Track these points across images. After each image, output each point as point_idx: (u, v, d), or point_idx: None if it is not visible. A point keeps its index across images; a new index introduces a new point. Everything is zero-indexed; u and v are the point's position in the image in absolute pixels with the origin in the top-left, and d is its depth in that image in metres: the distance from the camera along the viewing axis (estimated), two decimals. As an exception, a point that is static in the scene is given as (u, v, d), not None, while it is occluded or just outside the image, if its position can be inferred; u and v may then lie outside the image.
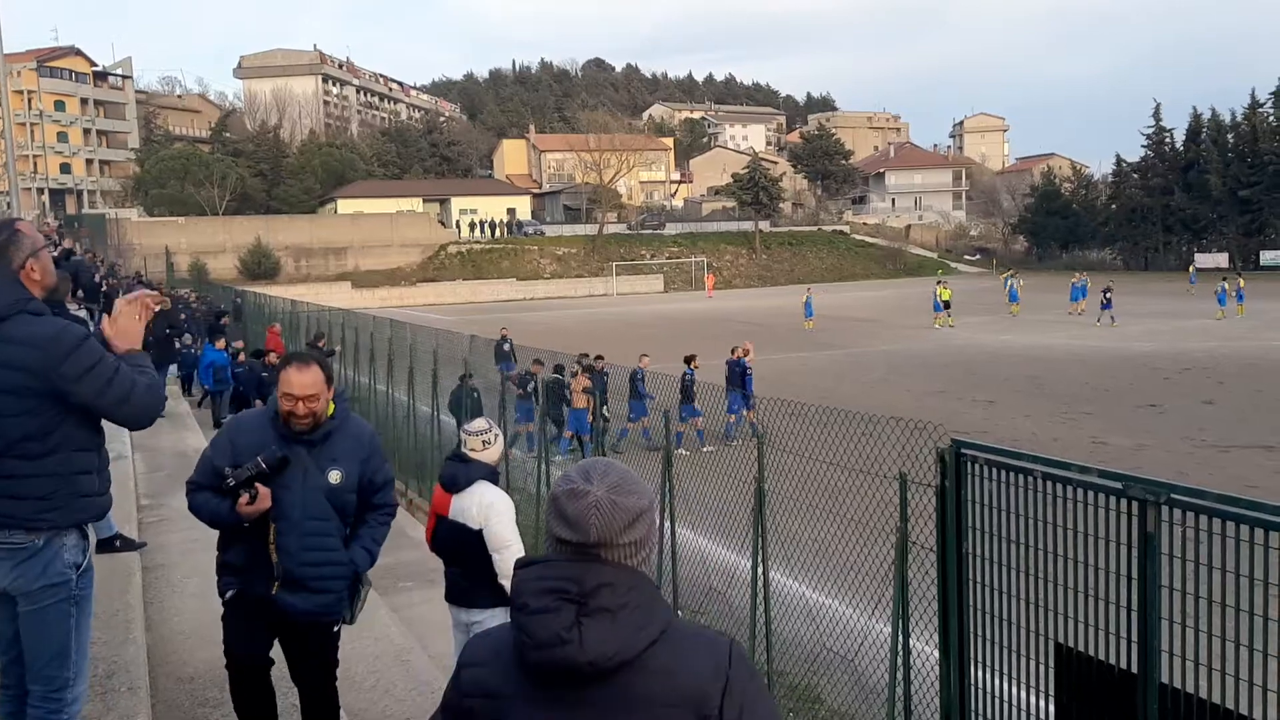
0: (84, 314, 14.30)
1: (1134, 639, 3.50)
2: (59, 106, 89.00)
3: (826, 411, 5.70)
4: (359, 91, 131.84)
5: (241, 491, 3.87)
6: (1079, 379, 24.21)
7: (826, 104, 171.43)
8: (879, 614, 5.46)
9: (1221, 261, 66.80)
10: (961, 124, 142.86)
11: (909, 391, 22.52)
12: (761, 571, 6.49)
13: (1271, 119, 69.87)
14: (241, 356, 17.97)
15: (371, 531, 4.23)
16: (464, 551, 5.09)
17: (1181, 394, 21.60)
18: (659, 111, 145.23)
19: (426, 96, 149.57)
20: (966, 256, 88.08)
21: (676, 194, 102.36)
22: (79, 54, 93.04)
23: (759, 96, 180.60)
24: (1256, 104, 70.56)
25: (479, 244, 74.43)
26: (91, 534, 3.61)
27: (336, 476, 4.02)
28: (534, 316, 48.88)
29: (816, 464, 5.80)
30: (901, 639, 4.92)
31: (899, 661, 4.93)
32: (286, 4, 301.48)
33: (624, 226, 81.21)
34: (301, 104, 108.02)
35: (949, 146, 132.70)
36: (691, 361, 16.45)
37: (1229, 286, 39.33)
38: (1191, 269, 59.39)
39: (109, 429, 3.60)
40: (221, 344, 18.36)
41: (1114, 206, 79.59)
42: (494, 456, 5.29)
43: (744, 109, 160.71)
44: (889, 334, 37.05)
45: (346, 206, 77.31)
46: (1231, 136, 71.94)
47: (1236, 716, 3.15)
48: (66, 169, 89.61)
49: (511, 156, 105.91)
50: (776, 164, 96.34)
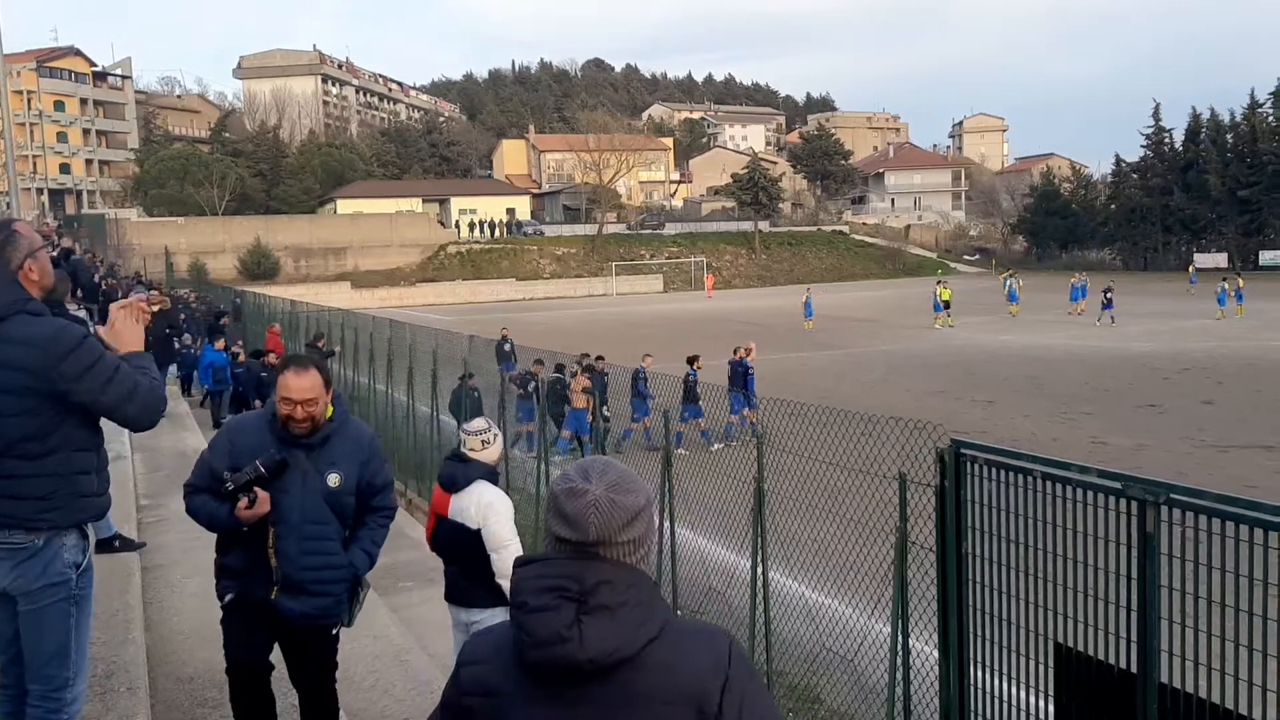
0: (83, 314, 14.30)
1: (1133, 639, 3.50)
2: (58, 107, 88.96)
3: (826, 411, 5.70)
4: (358, 92, 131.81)
5: (240, 496, 3.84)
6: (1078, 379, 24.22)
7: (826, 104, 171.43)
8: (878, 614, 5.46)
9: (1221, 261, 66.82)
10: (961, 124, 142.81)
11: (908, 391, 22.53)
12: (761, 571, 6.49)
13: (1271, 119, 69.90)
14: (241, 356, 17.97)
15: (371, 534, 4.21)
16: (463, 551, 5.09)
17: (1181, 394, 21.61)
18: (658, 112, 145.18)
19: (426, 96, 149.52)
20: (966, 256, 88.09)
21: (676, 194, 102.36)
22: (78, 54, 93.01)
23: (758, 97, 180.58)
24: (1256, 104, 70.58)
25: (478, 244, 74.43)
26: (91, 534, 3.61)
27: (335, 480, 4.00)
28: (533, 316, 48.87)
29: (816, 464, 5.80)
30: (901, 639, 4.92)
31: (898, 661, 4.93)
32: (286, 4, 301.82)
33: (623, 227, 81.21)
34: (301, 104, 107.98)
35: (948, 147, 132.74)
36: (694, 362, 16.45)
37: (1229, 287, 39.37)
38: (1191, 269, 59.37)
39: (108, 430, 3.60)
40: (221, 344, 18.36)
41: (1113, 207, 79.63)
42: (493, 456, 5.29)
43: (743, 109, 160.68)
44: (888, 334, 37.06)
45: (346, 207, 77.29)
46: (1231, 137, 71.99)
47: (1236, 716, 3.15)
48: (66, 169, 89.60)
49: (511, 156, 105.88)
50: (776, 164, 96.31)
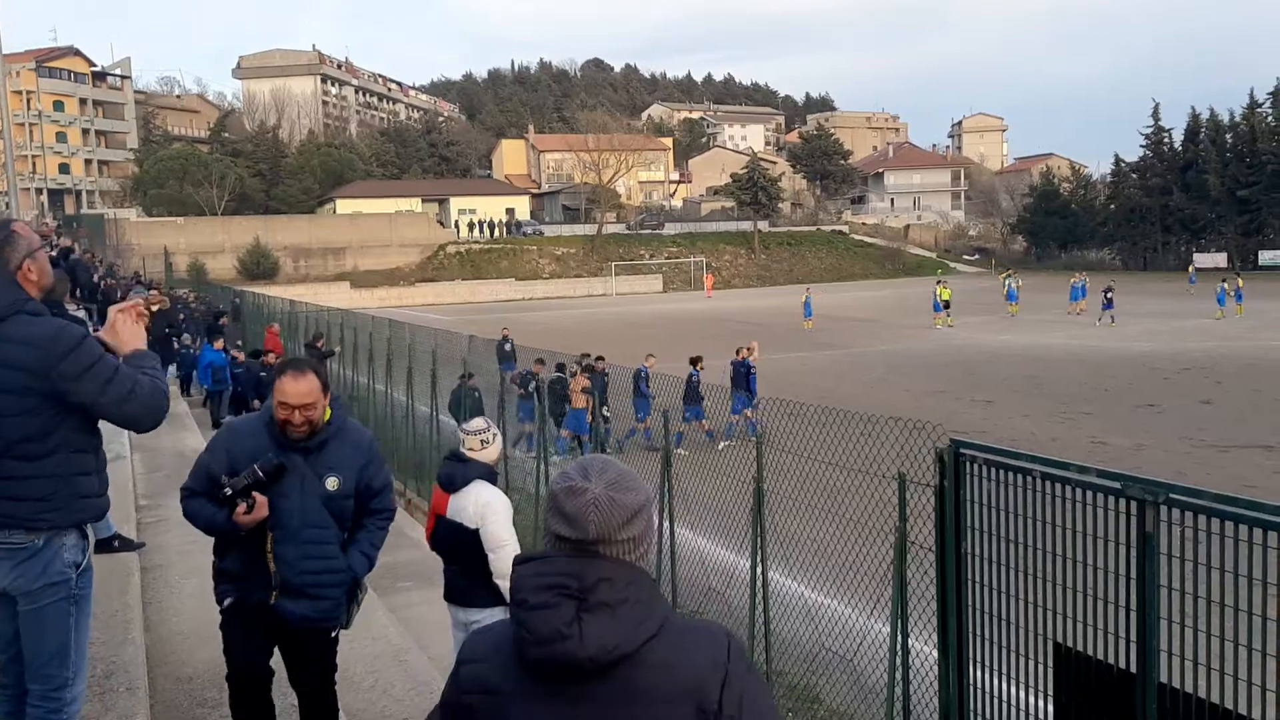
0: (82, 314, 14.30)
1: (1133, 639, 3.50)
2: (58, 107, 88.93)
3: (826, 411, 5.71)
4: (358, 92, 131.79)
5: (238, 501, 3.81)
6: (1078, 379, 24.22)
7: (825, 104, 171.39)
8: (878, 614, 5.46)
9: (1220, 261, 66.86)
10: (960, 124, 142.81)
11: (908, 391, 22.53)
12: (760, 571, 6.49)
13: (1270, 119, 69.94)
14: (241, 356, 17.95)
15: (370, 536, 4.19)
16: (461, 551, 5.10)
17: (1180, 394, 21.62)
18: (658, 111, 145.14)
19: (425, 96, 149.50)
20: (965, 256, 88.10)
21: (675, 194, 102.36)
22: (78, 54, 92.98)
23: (758, 96, 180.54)
24: (1255, 104, 70.63)
25: (478, 244, 74.42)
26: (91, 534, 3.61)
27: (334, 483, 3.97)
28: (533, 316, 48.86)
29: (816, 464, 5.80)
30: (900, 639, 4.92)
31: (898, 661, 4.93)
32: (286, 4, 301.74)
33: (623, 226, 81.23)
34: (300, 104, 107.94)
35: (948, 146, 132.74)
36: (698, 363, 16.44)
37: (1228, 286, 39.41)
38: (1191, 269, 59.38)
39: (107, 430, 3.60)
40: (220, 344, 18.34)
41: (1113, 206, 79.66)
42: (492, 456, 5.29)
43: (743, 109, 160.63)
44: (888, 334, 37.06)
45: (345, 206, 77.27)
46: (1230, 136, 72.04)
47: (1235, 716, 3.15)
48: (65, 169, 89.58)
49: (510, 156, 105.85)
50: (775, 164, 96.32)
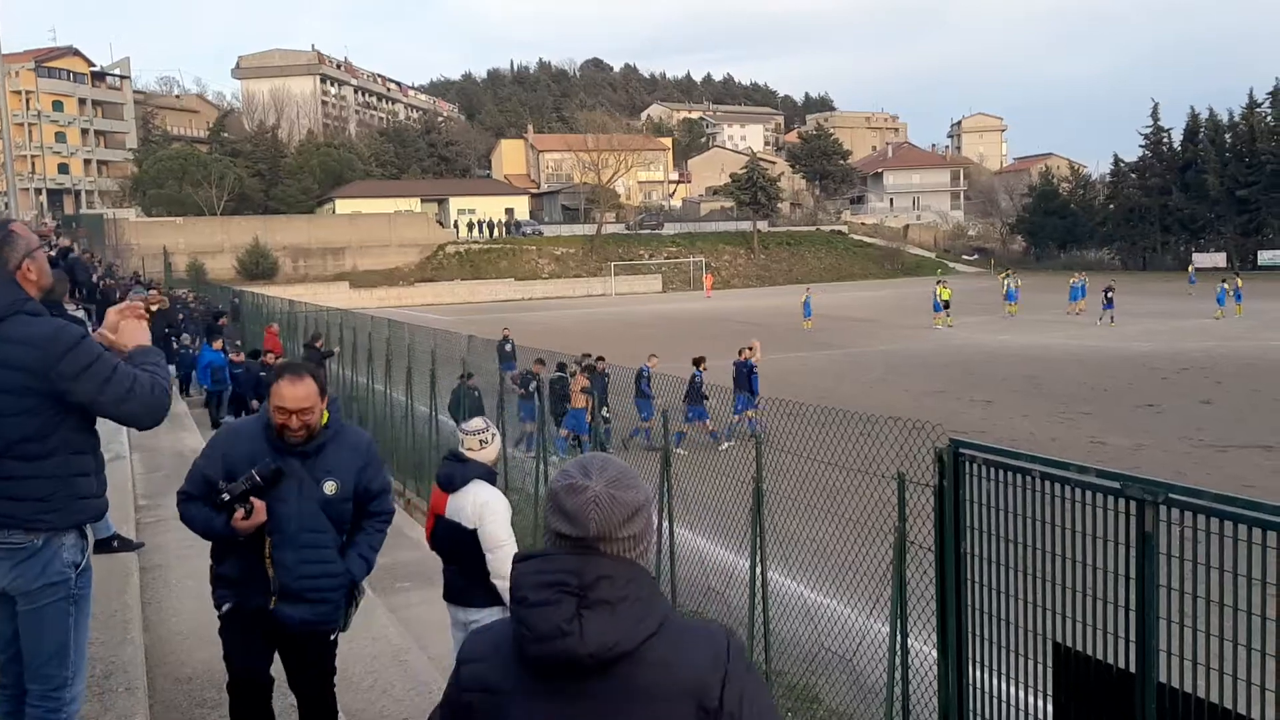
0: (81, 314, 14.30)
1: (1132, 638, 3.50)
2: (57, 107, 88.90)
3: (825, 411, 5.71)
4: (357, 91, 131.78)
5: (236, 506, 3.78)
6: (1077, 379, 24.23)
7: (824, 104, 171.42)
8: (877, 614, 5.46)
9: (1219, 261, 66.88)
10: (959, 124, 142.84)
11: (907, 391, 22.53)
12: (760, 571, 6.49)
13: (1269, 119, 69.93)
14: (241, 356, 17.93)
15: (368, 539, 4.17)
16: (460, 550, 5.09)
17: (1179, 394, 21.63)
18: (657, 111, 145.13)
19: (424, 96, 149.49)
20: (965, 256, 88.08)
21: (675, 194, 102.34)
22: (77, 54, 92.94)
23: (757, 96, 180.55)
24: (1254, 104, 70.64)
25: (477, 244, 74.40)
26: (90, 534, 3.61)
27: (332, 487, 3.94)
28: (532, 316, 48.85)
29: (815, 464, 5.80)
30: (900, 639, 4.92)
31: (897, 661, 4.93)
32: (285, 4, 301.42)
33: (622, 226, 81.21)
34: (299, 104, 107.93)
35: (947, 146, 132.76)
36: (700, 363, 16.44)
37: (1228, 286, 39.44)
38: (1191, 269, 59.39)
39: (106, 430, 3.60)
40: (219, 344, 18.33)
41: (1112, 206, 79.65)
42: (490, 456, 5.29)
43: (742, 109, 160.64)
44: (887, 334, 37.06)
45: (344, 206, 77.24)
46: (1229, 136, 72.05)
47: (1234, 716, 3.15)
48: (64, 169, 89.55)
49: (509, 156, 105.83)
50: (775, 164, 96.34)
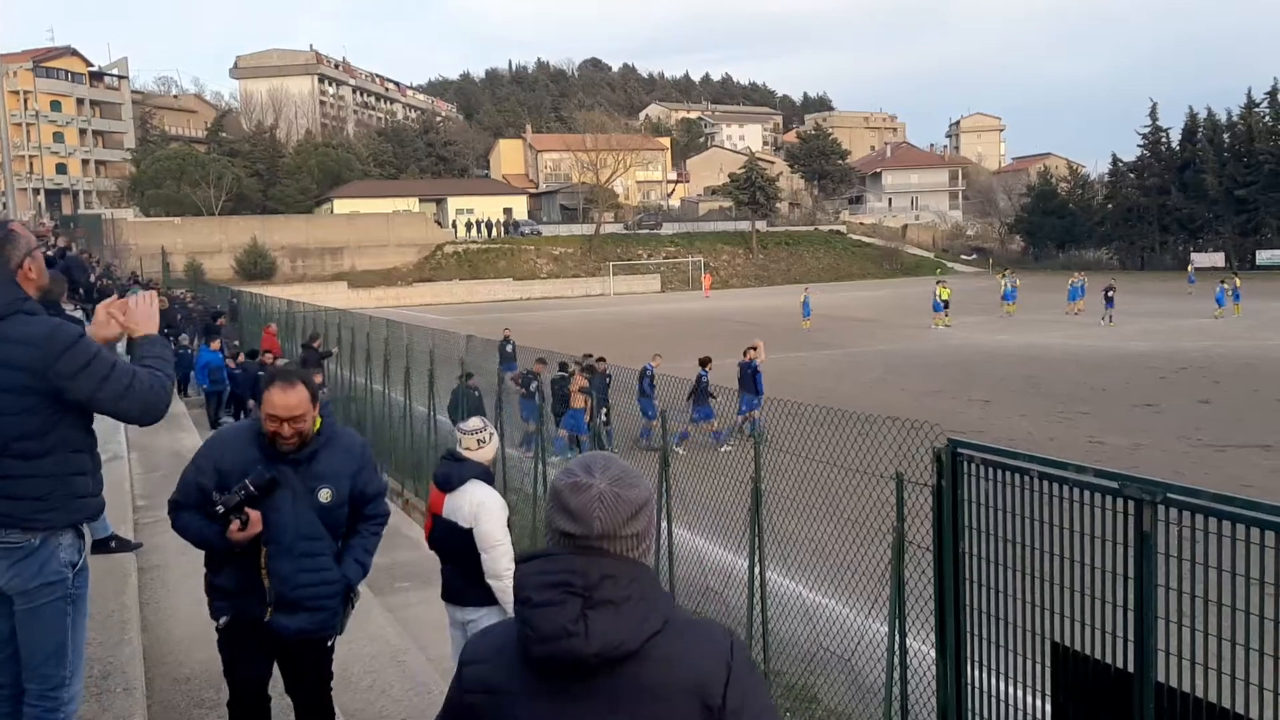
0: (80, 314, 14.27)
1: (1130, 638, 3.50)
2: (55, 107, 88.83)
3: (824, 411, 5.70)
4: (355, 91, 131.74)
5: (232, 518, 3.73)
6: (1075, 378, 24.23)
7: (823, 104, 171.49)
8: (876, 614, 5.46)
9: (1218, 261, 66.91)
10: (958, 124, 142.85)
11: (906, 391, 22.54)
12: (758, 571, 6.49)
13: (1267, 119, 69.95)
14: (240, 357, 17.92)
15: (363, 542, 4.15)
16: (457, 550, 5.09)
17: (1178, 393, 21.64)
18: (656, 111, 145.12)
19: (423, 96, 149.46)
20: (963, 256, 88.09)
21: (673, 194, 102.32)
22: (75, 54, 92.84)
23: (756, 96, 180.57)
24: (1252, 104, 70.66)
25: (475, 244, 74.37)
26: (87, 533, 3.61)
27: (327, 495, 3.90)
28: (531, 316, 48.82)
29: (813, 464, 5.80)
30: (898, 638, 4.91)
31: (896, 661, 4.93)
32: (283, 4, 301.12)
33: (621, 226, 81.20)
34: (298, 104, 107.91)
35: (945, 146, 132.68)
36: (706, 364, 16.42)
37: (1227, 286, 39.49)
38: (1190, 268, 59.42)
39: (103, 431, 3.60)
40: (216, 345, 18.32)
41: (1110, 206, 79.67)
42: (488, 456, 5.29)
43: (741, 109, 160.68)
44: (886, 334, 37.07)
45: (343, 206, 77.21)
46: (1227, 136, 72.08)
47: (1233, 715, 3.15)
48: (62, 169, 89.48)
49: (508, 156, 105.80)
50: (773, 164, 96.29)
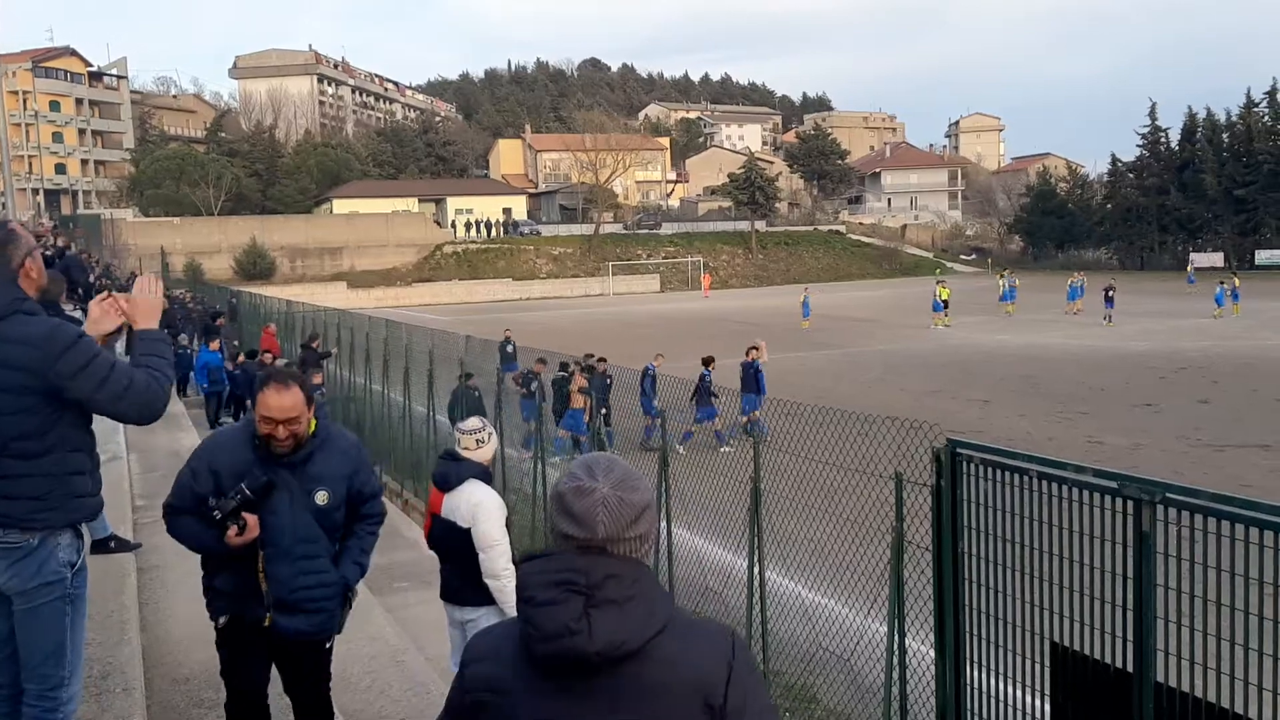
0: (78, 314, 14.27)
1: (1129, 638, 3.50)
2: (54, 107, 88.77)
3: (823, 411, 5.70)
4: (354, 91, 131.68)
5: (229, 523, 3.72)
6: (1074, 378, 24.24)
7: (822, 104, 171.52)
8: (875, 614, 5.46)
9: (1217, 261, 66.95)
10: (957, 124, 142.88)
11: (905, 391, 22.54)
12: (758, 571, 6.49)
13: (1266, 119, 69.98)
14: (240, 357, 17.91)
15: (360, 543, 4.14)
16: (456, 550, 5.10)
17: (1177, 393, 21.64)
18: (655, 111, 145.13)
19: (422, 96, 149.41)
20: (962, 256, 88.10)
21: (672, 194, 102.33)
22: (74, 54, 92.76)
23: (755, 96, 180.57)
24: (1251, 104, 70.69)
25: (475, 244, 74.37)
26: (86, 533, 3.60)
27: (323, 497, 3.89)
28: (530, 316, 48.81)
29: (813, 464, 5.80)
30: (897, 638, 4.91)
31: (895, 661, 4.93)
32: (282, 4, 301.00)
33: (620, 226, 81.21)
34: (297, 104, 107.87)
35: (944, 146, 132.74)
36: (709, 364, 16.44)
37: (1227, 286, 39.53)
38: (1190, 268, 59.44)
39: (102, 431, 3.59)
40: (216, 345, 18.32)
41: (1109, 206, 79.69)
42: (486, 456, 5.29)
43: (740, 109, 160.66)
44: (886, 334, 37.07)
45: (342, 206, 77.21)
46: (1227, 136, 72.11)
47: (1232, 715, 3.15)
48: (62, 169, 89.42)
49: (507, 156, 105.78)
50: (772, 164, 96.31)
